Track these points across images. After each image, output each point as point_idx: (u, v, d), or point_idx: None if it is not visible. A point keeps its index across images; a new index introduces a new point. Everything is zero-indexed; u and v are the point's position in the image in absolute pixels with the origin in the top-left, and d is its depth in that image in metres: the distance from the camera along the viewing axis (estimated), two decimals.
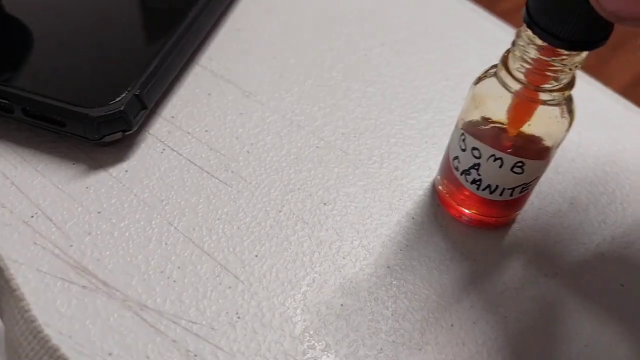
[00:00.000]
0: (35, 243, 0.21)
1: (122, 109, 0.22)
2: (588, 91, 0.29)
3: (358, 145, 0.26)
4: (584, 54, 0.18)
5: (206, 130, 0.25)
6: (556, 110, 0.19)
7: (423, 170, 0.25)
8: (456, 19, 0.32)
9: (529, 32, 0.18)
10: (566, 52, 0.17)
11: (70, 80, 0.23)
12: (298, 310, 0.20)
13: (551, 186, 0.25)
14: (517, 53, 0.18)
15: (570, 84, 0.19)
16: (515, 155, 0.20)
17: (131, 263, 0.21)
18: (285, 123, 0.26)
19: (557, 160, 0.26)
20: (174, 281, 0.20)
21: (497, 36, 0.31)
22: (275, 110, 0.26)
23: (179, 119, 0.25)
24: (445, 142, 0.26)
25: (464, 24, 0.32)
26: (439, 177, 0.24)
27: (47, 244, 0.21)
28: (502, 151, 0.20)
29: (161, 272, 0.21)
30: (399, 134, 0.26)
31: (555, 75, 0.18)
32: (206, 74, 0.27)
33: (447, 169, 0.22)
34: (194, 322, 0.20)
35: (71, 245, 0.21)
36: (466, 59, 0.30)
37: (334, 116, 0.27)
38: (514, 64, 0.19)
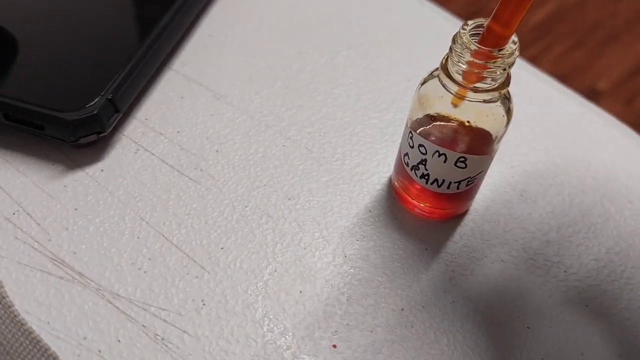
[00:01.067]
0: (16, 238, 0.23)
1: (95, 112, 0.24)
2: (542, 89, 0.31)
3: (322, 143, 0.27)
4: (515, 54, 0.19)
5: (178, 132, 0.27)
6: (495, 107, 0.21)
7: (382, 166, 0.26)
8: (418, 20, 0.34)
9: (464, 38, 0.19)
10: (498, 54, 0.19)
11: (48, 86, 0.25)
12: (259, 297, 0.22)
13: (503, 179, 0.26)
14: (455, 57, 0.20)
15: (506, 83, 0.20)
16: (458, 151, 0.21)
17: (105, 255, 0.22)
18: (254, 123, 0.28)
19: (511, 154, 0.27)
20: (145, 272, 0.22)
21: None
22: (244, 112, 0.28)
23: (152, 121, 0.27)
24: None
25: (426, 25, 0.33)
26: (394, 172, 0.25)
27: (28, 238, 0.23)
28: (446, 148, 0.21)
29: (132, 263, 0.22)
30: (362, 133, 0.28)
31: (489, 75, 0.20)
32: (179, 78, 0.29)
33: (400, 165, 0.24)
34: (163, 309, 0.21)
35: (50, 240, 0.23)
36: (427, 60, 0.31)
37: (300, 116, 0.28)
38: (452, 67, 0.20)
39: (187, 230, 0.23)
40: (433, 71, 0.22)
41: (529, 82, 0.31)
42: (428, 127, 0.22)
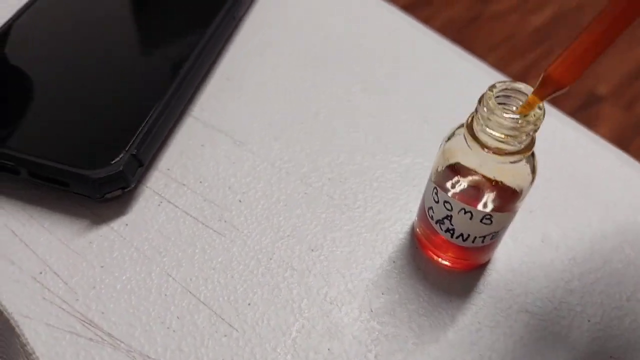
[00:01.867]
0: (44, 298, 0.23)
1: (120, 169, 0.24)
2: (560, 130, 0.31)
3: (343, 190, 0.27)
4: (541, 119, 0.20)
5: (200, 182, 0.27)
6: (520, 166, 0.21)
7: (404, 212, 0.27)
8: (437, 59, 0.34)
9: (491, 102, 0.19)
10: (524, 121, 0.19)
11: (71, 142, 0.25)
12: (288, 356, 0.22)
13: (524, 225, 0.27)
14: (481, 120, 0.20)
15: (531, 145, 0.20)
16: (484, 209, 0.22)
17: (133, 315, 0.22)
18: (275, 171, 0.28)
19: (530, 198, 0.27)
20: (174, 331, 0.22)
21: (476, 77, 0.33)
22: (265, 159, 0.28)
23: (174, 171, 0.27)
24: (424, 184, 0.27)
25: (444, 65, 0.34)
26: (417, 220, 0.25)
27: (55, 298, 0.23)
28: (471, 203, 0.22)
29: (161, 322, 0.22)
30: (382, 178, 0.28)
31: (515, 141, 0.20)
32: (199, 125, 0.29)
33: (423, 215, 0.24)
34: None
35: (77, 300, 0.23)
36: (445, 101, 0.32)
37: (320, 162, 0.28)
38: (477, 127, 0.20)
39: (213, 285, 0.24)
40: (457, 128, 0.22)
41: (546, 122, 0.31)
42: (453, 181, 0.22)
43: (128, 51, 0.30)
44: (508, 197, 0.22)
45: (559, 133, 0.30)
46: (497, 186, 0.21)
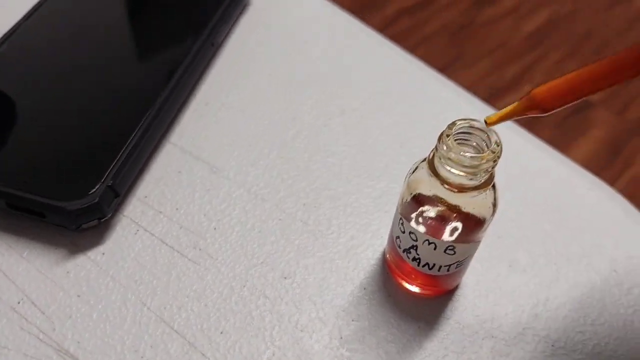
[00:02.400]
0: (22, 329, 0.23)
1: (96, 200, 0.24)
2: (535, 155, 0.31)
3: (317, 215, 0.28)
4: (499, 156, 0.20)
5: (177, 209, 0.27)
6: (481, 199, 0.22)
7: (376, 238, 0.27)
8: (416, 85, 0.35)
9: (449, 141, 0.20)
10: (482, 161, 0.20)
11: (47, 173, 0.26)
12: None
13: (492, 250, 0.27)
14: (441, 159, 0.21)
15: (490, 180, 0.21)
16: (447, 239, 0.22)
17: (108, 344, 0.23)
18: (251, 197, 0.28)
19: (498, 222, 0.28)
20: None
21: (455, 104, 0.34)
22: (241, 185, 0.29)
23: (151, 198, 0.28)
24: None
25: (424, 91, 0.34)
26: (387, 247, 0.26)
27: (33, 328, 0.23)
28: (435, 234, 0.22)
29: (135, 351, 0.23)
30: (356, 203, 0.29)
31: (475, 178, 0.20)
32: (176, 151, 0.30)
33: (392, 244, 0.25)
34: None
35: (54, 329, 0.23)
36: (419, 125, 0.32)
37: (296, 187, 0.29)
38: (437, 162, 0.21)
39: (187, 314, 0.24)
40: (421, 162, 0.22)
41: (519, 146, 0.32)
42: (417, 212, 0.22)
43: (105, 80, 0.30)
44: (472, 227, 0.22)
45: (531, 158, 0.31)
46: (460, 217, 0.22)
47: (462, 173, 0.20)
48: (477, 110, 0.33)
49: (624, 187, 1.23)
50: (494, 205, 0.22)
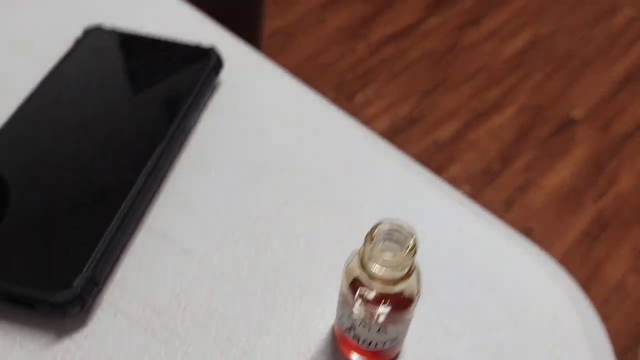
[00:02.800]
0: None
1: (78, 292, 0.28)
2: (470, 224, 0.35)
3: (275, 294, 0.31)
4: (416, 249, 0.24)
5: (150, 291, 0.31)
6: (408, 283, 0.25)
7: (327, 313, 0.31)
8: (372, 163, 0.38)
9: (374, 245, 0.24)
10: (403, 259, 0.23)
11: (32, 267, 0.29)
12: None
13: (429, 319, 0.31)
14: (366, 256, 0.24)
15: (412, 269, 0.25)
16: (379, 321, 0.26)
17: None
18: (216, 277, 0.32)
19: (437, 289, 0.31)
20: None
21: (420, 186, 0.37)
22: (208, 266, 0.32)
23: (127, 283, 0.31)
24: None
25: (388, 173, 0.38)
26: (335, 322, 0.29)
27: None
28: (370, 320, 0.26)
29: None
30: (311, 281, 0.32)
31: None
32: (150, 235, 0.33)
33: (338, 320, 0.28)
34: None
35: None
36: (370, 203, 0.36)
37: (257, 267, 0.32)
38: (365, 259, 0.25)
39: None
40: (357, 251, 0.26)
41: (453, 215, 0.35)
42: (355, 296, 0.26)
43: (83, 172, 0.34)
44: (404, 306, 0.26)
45: (466, 227, 0.35)
46: (392, 300, 0.26)
47: (385, 269, 0.24)
48: (426, 180, 0.37)
49: (609, 204, 1.26)
50: (419, 288, 0.25)
